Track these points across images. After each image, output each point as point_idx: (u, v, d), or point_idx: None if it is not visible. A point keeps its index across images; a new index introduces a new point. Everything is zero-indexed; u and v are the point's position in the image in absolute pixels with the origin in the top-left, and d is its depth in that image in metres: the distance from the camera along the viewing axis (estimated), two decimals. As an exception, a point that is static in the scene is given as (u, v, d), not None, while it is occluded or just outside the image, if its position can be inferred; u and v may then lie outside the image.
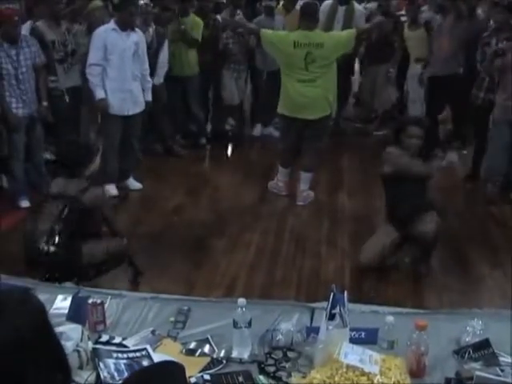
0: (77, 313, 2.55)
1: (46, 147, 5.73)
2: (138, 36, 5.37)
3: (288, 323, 2.50)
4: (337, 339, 2.16)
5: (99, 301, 2.55)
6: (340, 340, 2.17)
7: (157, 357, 2.24)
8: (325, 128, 5.47)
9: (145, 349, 2.33)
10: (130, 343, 2.41)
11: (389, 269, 4.15)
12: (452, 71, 6.41)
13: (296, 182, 5.59)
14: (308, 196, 5.53)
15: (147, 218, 5.12)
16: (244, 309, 2.32)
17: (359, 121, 8.13)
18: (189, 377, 2.06)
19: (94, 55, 5.22)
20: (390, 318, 2.41)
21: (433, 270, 4.19)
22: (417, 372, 2.23)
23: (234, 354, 2.33)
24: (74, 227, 3.62)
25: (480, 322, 2.45)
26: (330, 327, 2.16)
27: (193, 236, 4.77)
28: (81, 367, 2.20)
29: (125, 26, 5.22)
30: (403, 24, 7.25)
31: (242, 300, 2.33)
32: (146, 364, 2.22)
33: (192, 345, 2.41)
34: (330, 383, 2.06)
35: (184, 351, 2.39)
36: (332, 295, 2.15)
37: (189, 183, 5.96)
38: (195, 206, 5.42)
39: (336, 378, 2.06)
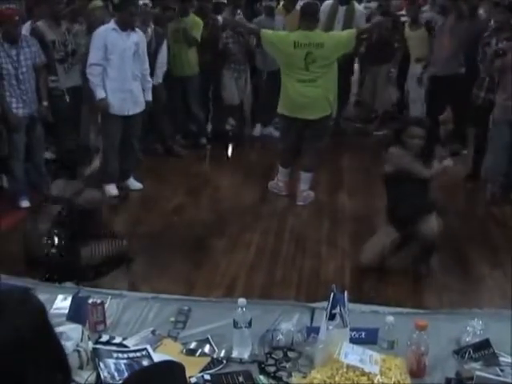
0: (77, 313, 2.55)
1: (47, 147, 5.74)
2: (139, 36, 5.38)
3: (288, 323, 2.50)
4: (337, 339, 2.16)
5: (99, 301, 2.55)
6: (340, 340, 2.17)
7: (157, 357, 2.24)
8: (325, 128, 5.46)
9: (145, 349, 2.33)
10: (131, 343, 2.41)
11: (389, 269, 4.15)
12: (453, 71, 6.41)
13: (296, 182, 5.59)
14: (308, 196, 5.53)
15: (147, 218, 5.12)
16: (244, 309, 2.32)
17: (359, 121, 8.13)
18: (189, 377, 2.06)
19: (95, 55, 5.22)
20: (390, 318, 2.41)
21: (433, 270, 4.19)
22: (417, 372, 2.23)
23: (235, 354, 2.33)
24: (74, 229, 3.62)
25: (480, 322, 2.45)
26: (331, 327, 2.16)
27: (193, 236, 4.77)
28: (81, 367, 2.20)
29: (125, 26, 5.23)
30: (404, 24, 7.25)
31: (243, 300, 2.33)
32: (147, 364, 2.22)
33: (192, 345, 2.41)
34: (331, 383, 2.06)
35: (184, 351, 2.39)
36: (332, 295, 2.15)
37: (189, 183, 5.96)
38: (195, 206, 5.43)
39: (336, 378, 2.07)
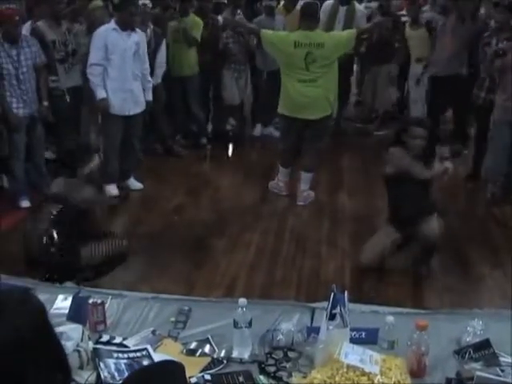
0: (77, 313, 2.55)
1: (47, 147, 5.74)
2: (139, 36, 5.37)
3: (288, 323, 2.50)
4: (337, 339, 2.16)
5: (100, 301, 2.55)
6: (340, 340, 2.17)
7: (157, 357, 2.25)
8: (325, 128, 5.46)
9: (145, 349, 2.33)
10: (131, 343, 2.41)
11: (389, 269, 4.15)
12: (454, 71, 6.39)
13: (296, 182, 5.59)
14: (308, 196, 5.53)
15: (148, 218, 5.12)
16: (244, 309, 2.32)
17: (360, 121, 8.12)
18: (189, 377, 2.06)
19: (95, 55, 5.22)
20: (391, 318, 2.41)
21: (433, 270, 4.18)
22: (417, 372, 2.24)
23: (235, 354, 2.34)
24: (72, 228, 3.62)
25: (480, 322, 2.46)
26: (331, 327, 2.16)
27: (193, 236, 4.77)
28: (81, 367, 2.21)
29: (125, 26, 5.22)
30: (404, 24, 7.25)
31: (243, 300, 2.34)
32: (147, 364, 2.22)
33: (192, 345, 2.42)
34: (331, 383, 2.06)
35: (184, 351, 2.39)
36: (332, 295, 2.15)
37: (189, 183, 5.96)
38: (196, 206, 5.42)
39: (336, 378, 2.07)
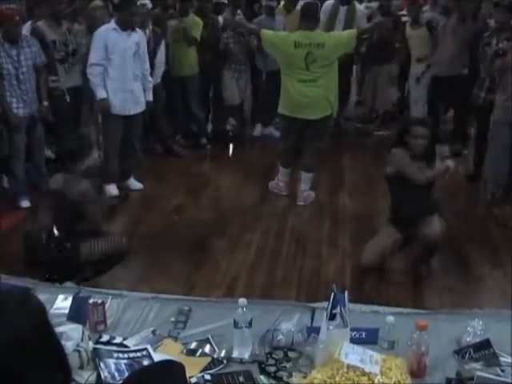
0: (77, 313, 2.55)
1: (47, 147, 5.73)
2: (139, 36, 5.37)
3: (289, 323, 2.50)
4: (337, 339, 2.16)
5: (100, 301, 2.55)
6: (341, 340, 2.17)
7: (157, 357, 2.24)
8: (326, 128, 5.46)
9: (145, 349, 2.33)
10: (131, 343, 2.41)
11: (389, 269, 4.15)
12: (456, 72, 6.39)
13: (297, 182, 5.59)
14: (309, 196, 5.53)
15: (148, 218, 5.12)
16: (245, 309, 2.32)
17: (360, 121, 8.12)
18: (189, 377, 2.06)
19: (95, 55, 5.22)
20: (391, 318, 2.41)
21: (433, 271, 4.18)
22: (417, 372, 2.24)
23: (235, 354, 2.34)
24: (72, 223, 3.61)
25: (480, 322, 2.46)
26: (331, 327, 2.16)
27: (193, 236, 4.77)
28: (81, 367, 2.21)
29: (125, 26, 5.22)
30: (405, 24, 7.24)
31: (243, 300, 2.34)
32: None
33: (193, 345, 2.41)
34: (331, 383, 2.06)
35: (185, 351, 2.39)
36: (333, 295, 2.15)
37: (189, 183, 5.96)
38: (196, 206, 5.42)
39: (337, 378, 2.07)
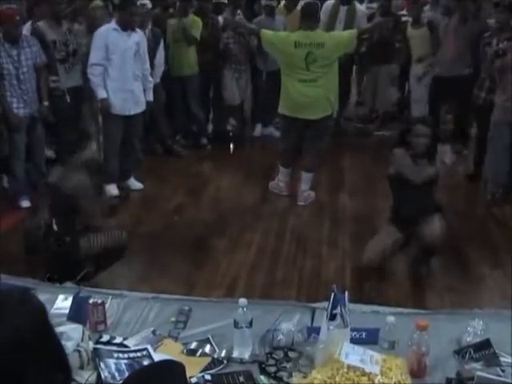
0: (78, 313, 2.55)
1: (47, 147, 5.73)
2: (139, 36, 5.37)
3: (289, 323, 2.50)
4: (338, 339, 2.16)
5: (100, 301, 2.55)
6: (341, 340, 2.17)
7: (157, 357, 2.25)
8: (326, 128, 5.45)
9: (146, 349, 2.33)
10: (131, 343, 2.41)
11: (390, 269, 4.15)
12: (458, 72, 6.37)
13: (297, 182, 5.58)
14: (309, 196, 5.53)
15: (148, 218, 5.12)
16: (245, 309, 2.32)
17: (360, 121, 8.12)
18: (190, 377, 2.06)
19: (95, 55, 5.22)
20: (391, 318, 2.41)
21: (433, 271, 4.18)
22: (418, 372, 2.24)
23: (235, 354, 2.34)
24: (71, 218, 3.59)
25: (481, 323, 2.46)
26: (331, 327, 2.16)
27: (193, 236, 4.77)
28: (81, 367, 2.21)
29: (125, 26, 5.22)
30: (406, 24, 7.23)
31: (243, 300, 2.34)
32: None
33: (193, 345, 2.41)
34: (331, 383, 2.06)
35: (185, 351, 2.39)
36: (333, 295, 2.15)
37: (189, 183, 5.96)
38: (196, 206, 5.42)
39: (337, 378, 2.07)
